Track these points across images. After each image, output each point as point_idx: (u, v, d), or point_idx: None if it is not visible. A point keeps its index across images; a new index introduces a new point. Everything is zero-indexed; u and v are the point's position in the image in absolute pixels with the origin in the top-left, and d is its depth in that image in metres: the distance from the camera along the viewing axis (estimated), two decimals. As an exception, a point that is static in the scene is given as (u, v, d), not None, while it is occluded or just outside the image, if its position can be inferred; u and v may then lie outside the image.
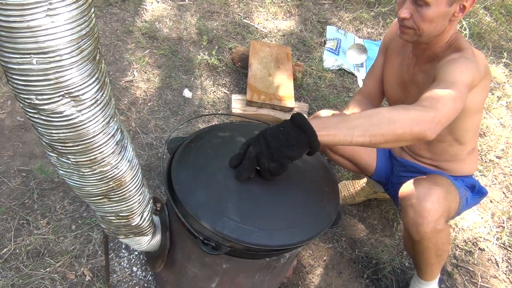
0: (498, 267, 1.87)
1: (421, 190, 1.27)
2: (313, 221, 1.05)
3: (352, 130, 0.96)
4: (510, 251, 1.95)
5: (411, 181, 1.33)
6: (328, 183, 1.18)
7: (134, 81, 2.33)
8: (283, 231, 0.99)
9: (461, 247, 1.91)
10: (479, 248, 1.93)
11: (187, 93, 2.33)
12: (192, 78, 2.43)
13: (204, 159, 1.10)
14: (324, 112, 1.58)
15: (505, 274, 1.85)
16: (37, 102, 0.68)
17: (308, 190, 1.12)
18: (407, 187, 1.32)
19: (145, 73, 2.39)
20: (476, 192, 1.50)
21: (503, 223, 2.06)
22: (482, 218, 2.07)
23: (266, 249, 0.99)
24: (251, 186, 1.03)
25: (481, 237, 1.97)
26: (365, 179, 1.94)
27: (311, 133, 0.94)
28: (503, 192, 2.22)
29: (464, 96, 1.12)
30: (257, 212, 1.01)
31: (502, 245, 1.96)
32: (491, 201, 2.16)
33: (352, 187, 1.95)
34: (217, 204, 0.99)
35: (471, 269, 1.84)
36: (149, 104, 2.22)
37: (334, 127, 0.96)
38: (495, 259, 1.90)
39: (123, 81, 2.30)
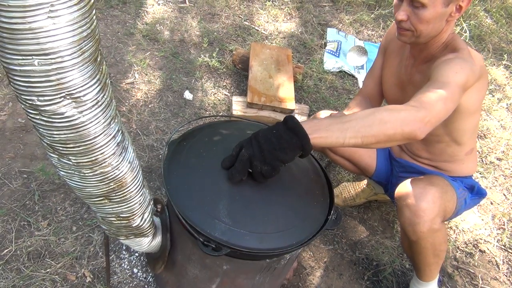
0: (499, 269, 1.87)
1: (417, 190, 1.28)
2: (303, 224, 1.05)
3: (344, 132, 0.97)
4: (511, 253, 1.95)
5: (407, 181, 1.34)
6: (319, 186, 1.18)
7: (135, 83, 2.33)
8: (274, 235, 0.99)
9: (462, 248, 1.91)
10: (480, 250, 1.93)
11: (187, 95, 2.33)
12: (193, 80, 2.44)
13: (196, 159, 1.10)
14: (324, 113, 1.59)
15: (506, 276, 1.85)
16: (38, 103, 0.69)
17: (299, 192, 1.12)
18: (403, 187, 1.32)
19: (146, 75, 2.39)
20: (475, 193, 1.50)
21: (504, 225, 2.06)
22: (482, 220, 2.06)
23: (258, 252, 0.99)
24: (243, 188, 1.03)
25: (481, 239, 1.97)
26: (365, 181, 1.95)
27: (303, 136, 0.94)
28: (504, 194, 2.22)
29: (456, 97, 1.13)
30: (249, 214, 1.01)
31: (502, 247, 1.96)
32: (491, 203, 2.16)
33: (352, 189, 1.96)
34: (208, 206, 0.99)
35: (472, 271, 1.83)
36: (150, 105, 2.23)
37: (326, 129, 0.97)
38: (496, 261, 1.90)
39: (124, 83, 2.31)
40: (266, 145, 0.96)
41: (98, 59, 0.73)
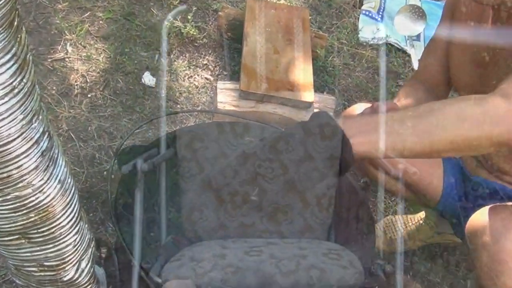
0: None
1: (498, 223, 1.29)
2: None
3: (403, 134, 0.99)
4: None
5: (484, 209, 1.35)
6: (362, 219, 1.20)
7: (67, 59, 2.35)
8: None
9: None
10: None
11: (148, 78, 2.35)
12: (156, 56, 2.45)
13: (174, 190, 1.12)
14: (361, 107, 1.60)
15: None
16: None
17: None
18: (477, 219, 1.33)
19: (84, 47, 2.41)
20: None
21: None
22: None
23: None
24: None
25: None
26: (422, 213, 1.96)
27: (343, 142, 0.96)
28: None
29: None
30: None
31: None
32: None
33: (402, 226, 1.97)
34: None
35: None
36: (89, 95, 2.24)
37: (374, 130, 0.98)
38: None
39: (50, 60, 2.32)
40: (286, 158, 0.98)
41: (15, 24, 0.74)
